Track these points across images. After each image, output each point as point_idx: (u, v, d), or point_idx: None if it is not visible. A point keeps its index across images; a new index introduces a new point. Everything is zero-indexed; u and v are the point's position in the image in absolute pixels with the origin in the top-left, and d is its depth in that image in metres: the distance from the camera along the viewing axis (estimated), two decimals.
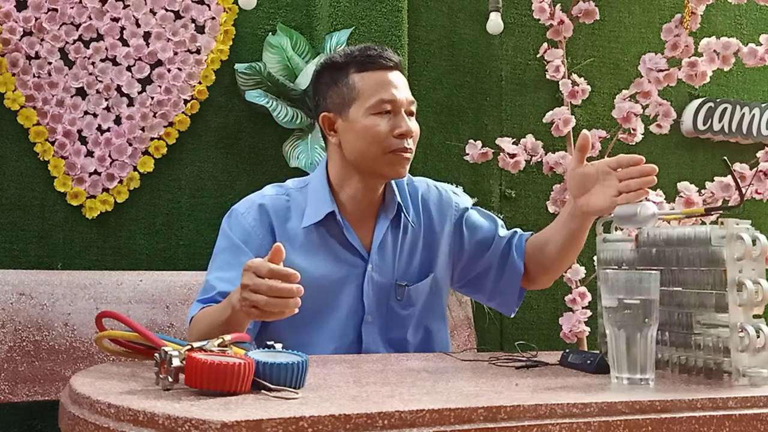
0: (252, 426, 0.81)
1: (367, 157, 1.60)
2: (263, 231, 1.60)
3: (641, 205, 1.33)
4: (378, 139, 1.58)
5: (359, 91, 1.61)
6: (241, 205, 1.65)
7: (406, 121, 1.59)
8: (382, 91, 1.59)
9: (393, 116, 1.59)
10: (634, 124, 2.69)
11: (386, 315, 1.64)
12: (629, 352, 1.13)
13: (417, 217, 1.71)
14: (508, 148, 2.68)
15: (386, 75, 1.61)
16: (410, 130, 1.59)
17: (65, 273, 2.22)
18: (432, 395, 1.02)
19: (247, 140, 2.80)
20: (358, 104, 1.60)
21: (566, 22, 2.74)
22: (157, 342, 1.11)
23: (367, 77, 1.61)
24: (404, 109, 1.60)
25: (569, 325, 2.67)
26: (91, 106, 2.61)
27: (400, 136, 1.58)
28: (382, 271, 1.65)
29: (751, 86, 3.61)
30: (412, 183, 1.75)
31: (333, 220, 1.62)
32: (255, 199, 1.65)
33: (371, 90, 1.60)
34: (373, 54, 1.62)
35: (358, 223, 1.65)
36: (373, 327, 1.63)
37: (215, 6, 2.74)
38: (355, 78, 1.62)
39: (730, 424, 1.02)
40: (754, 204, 3.12)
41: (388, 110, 1.59)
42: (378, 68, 1.62)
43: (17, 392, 2.03)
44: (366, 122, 1.59)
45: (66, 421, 0.98)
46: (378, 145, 1.58)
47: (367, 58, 1.62)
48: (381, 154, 1.59)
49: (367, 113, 1.59)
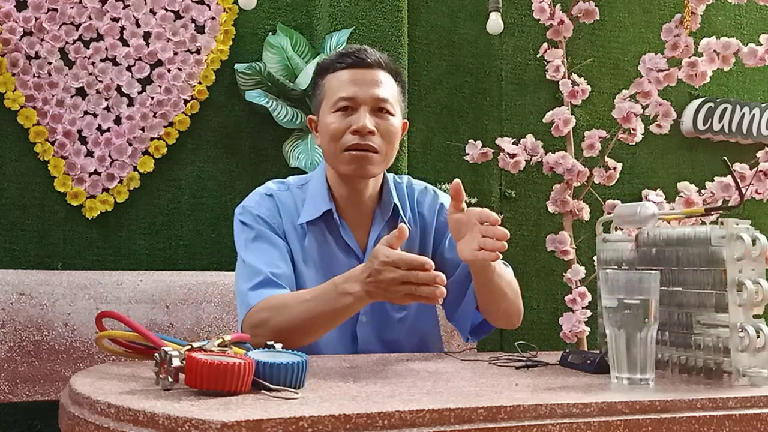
0: (252, 426, 0.81)
1: (329, 155, 1.60)
2: (278, 219, 1.61)
3: (641, 205, 1.33)
4: (335, 137, 1.57)
5: (326, 90, 1.61)
6: (250, 200, 1.65)
7: (362, 118, 1.55)
8: (343, 89, 1.58)
9: (352, 113, 1.57)
10: (634, 124, 2.69)
11: (380, 317, 1.64)
12: (629, 352, 1.13)
13: (413, 219, 1.70)
14: (508, 148, 2.68)
15: (354, 72, 1.59)
16: (365, 126, 1.54)
17: (65, 273, 2.22)
18: (432, 395, 1.02)
19: (247, 140, 2.80)
20: (324, 103, 1.61)
21: (566, 22, 2.74)
22: (157, 342, 1.11)
23: (334, 77, 1.61)
24: (368, 106, 1.57)
25: (569, 325, 2.67)
26: (91, 106, 2.61)
27: (354, 133, 1.55)
28: None
29: (751, 86, 3.61)
30: (411, 185, 1.74)
31: (330, 218, 1.62)
32: (261, 191, 1.65)
33: (334, 88, 1.59)
34: (347, 53, 1.61)
35: (354, 223, 1.65)
36: (368, 327, 1.62)
37: (215, 6, 2.74)
38: (327, 78, 1.62)
39: (730, 424, 1.02)
40: (754, 204, 3.12)
41: (346, 107, 1.57)
42: (347, 67, 1.60)
43: (17, 392, 2.03)
44: (326, 120, 1.59)
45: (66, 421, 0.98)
46: (335, 143, 1.57)
47: (339, 58, 1.61)
48: (339, 152, 1.57)
49: (329, 111, 1.59)
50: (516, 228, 3.19)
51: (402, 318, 1.66)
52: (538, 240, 3.06)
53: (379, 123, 1.57)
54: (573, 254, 2.73)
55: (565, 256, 2.73)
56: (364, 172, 1.58)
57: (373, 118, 1.57)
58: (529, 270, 3.17)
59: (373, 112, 1.57)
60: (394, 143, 1.61)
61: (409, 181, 1.75)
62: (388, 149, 1.59)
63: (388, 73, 1.63)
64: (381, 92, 1.58)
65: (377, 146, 1.57)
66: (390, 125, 1.59)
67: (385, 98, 1.59)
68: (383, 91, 1.59)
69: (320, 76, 1.64)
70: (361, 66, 1.59)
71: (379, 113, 1.58)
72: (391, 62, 1.64)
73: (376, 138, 1.57)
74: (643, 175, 3.37)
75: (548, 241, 2.74)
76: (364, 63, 1.59)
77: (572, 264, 2.72)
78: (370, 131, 1.55)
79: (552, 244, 2.73)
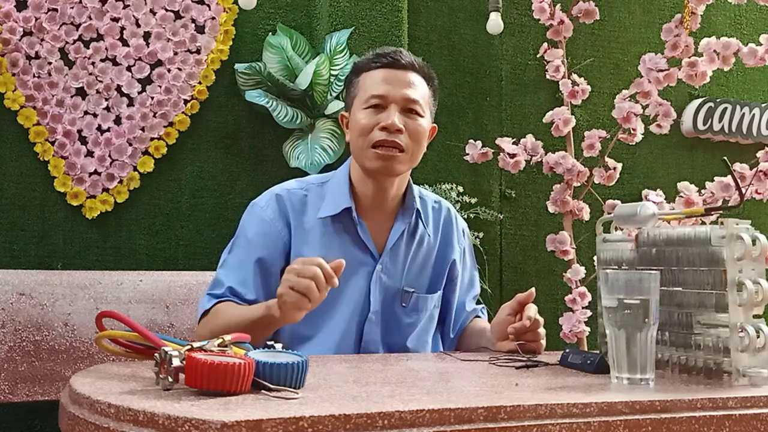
0: (252, 426, 0.81)
1: (356, 150, 1.64)
2: (281, 224, 1.63)
3: (641, 205, 1.33)
4: (363, 132, 1.60)
5: (360, 88, 1.65)
6: (261, 199, 1.67)
7: (391, 115, 1.58)
8: (375, 87, 1.61)
9: (382, 111, 1.60)
10: (634, 124, 2.69)
11: (389, 319, 1.65)
12: (629, 352, 1.13)
13: (435, 232, 1.74)
14: (508, 148, 2.68)
15: (387, 72, 1.62)
16: (393, 123, 1.58)
17: (65, 273, 2.22)
18: (432, 395, 1.02)
19: (247, 140, 2.80)
20: (356, 100, 1.65)
21: (566, 22, 2.74)
22: (157, 342, 1.11)
23: (368, 75, 1.64)
24: (398, 105, 1.60)
25: (569, 325, 2.67)
26: (91, 106, 2.61)
27: (382, 129, 1.58)
28: (391, 273, 1.66)
29: (751, 86, 3.61)
30: (439, 202, 1.79)
31: (348, 216, 1.64)
32: (274, 190, 1.68)
33: (367, 86, 1.63)
34: (383, 53, 1.65)
35: (373, 223, 1.67)
36: (375, 327, 1.63)
37: (215, 6, 2.74)
38: (361, 77, 1.66)
39: (730, 424, 1.02)
40: (754, 204, 3.12)
41: (378, 104, 1.60)
42: (381, 66, 1.63)
43: (17, 392, 2.03)
44: (357, 116, 1.63)
45: (66, 421, 0.98)
46: (363, 138, 1.60)
47: (375, 58, 1.65)
48: (366, 147, 1.60)
49: (360, 108, 1.62)
50: (516, 228, 3.19)
51: (411, 323, 1.67)
52: (538, 240, 3.06)
53: (407, 122, 1.60)
54: (573, 254, 2.73)
55: (565, 256, 2.73)
56: (389, 169, 1.61)
57: (402, 117, 1.60)
58: (529, 270, 3.17)
59: (403, 111, 1.61)
60: (421, 143, 1.64)
61: (437, 198, 1.80)
62: (415, 149, 1.63)
63: (421, 76, 1.66)
64: (412, 93, 1.62)
65: (404, 145, 1.60)
66: (418, 125, 1.62)
67: (416, 99, 1.62)
68: (414, 92, 1.62)
69: (355, 75, 1.68)
70: (395, 66, 1.63)
71: (408, 113, 1.61)
72: (425, 66, 1.68)
73: (404, 136, 1.60)
74: (643, 175, 3.37)
75: (548, 241, 2.74)
76: (398, 64, 1.63)
77: (572, 264, 2.73)
78: (398, 129, 1.58)
79: (552, 244, 2.74)
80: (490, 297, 2.89)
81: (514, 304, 1.60)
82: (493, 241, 3.12)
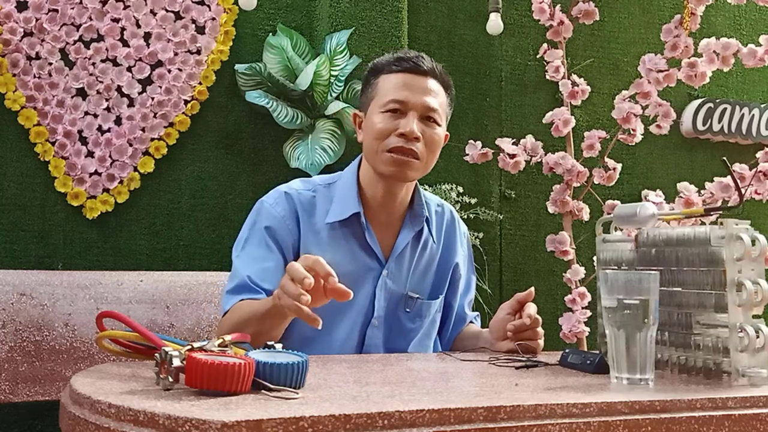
0: (252, 426, 0.81)
1: (370, 152, 1.62)
2: (292, 222, 1.61)
3: (641, 206, 1.33)
4: (380, 136, 1.59)
5: (378, 90, 1.63)
6: (270, 197, 1.65)
7: (410, 122, 1.57)
8: (396, 92, 1.60)
9: (401, 116, 1.59)
10: (633, 125, 2.70)
11: (392, 324, 1.65)
12: (629, 352, 1.13)
13: (438, 237, 1.73)
14: (508, 149, 2.68)
15: (408, 77, 1.61)
16: (412, 131, 1.56)
17: (65, 273, 2.22)
18: (432, 395, 1.02)
19: (247, 141, 2.80)
20: (374, 102, 1.63)
21: (566, 23, 2.74)
22: (157, 342, 1.11)
23: (388, 78, 1.62)
24: (417, 112, 1.59)
25: (569, 325, 2.67)
26: (91, 107, 2.61)
27: (400, 136, 1.57)
28: (396, 279, 1.65)
29: (750, 87, 3.61)
30: (442, 206, 1.78)
31: (357, 220, 1.63)
32: (282, 189, 1.66)
33: (387, 90, 1.61)
34: (405, 57, 1.63)
35: (381, 227, 1.66)
36: (378, 332, 1.63)
37: (215, 7, 2.74)
38: (380, 79, 1.64)
39: (730, 424, 1.02)
40: (754, 204, 3.12)
41: (396, 109, 1.59)
42: (402, 71, 1.62)
43: (18, 392, 2.03)
44: (374, 119, 1.61)
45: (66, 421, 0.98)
46: (379, 142, 1.59)
47: (395, 61, 1.63)
48: (382, 151, 1.59)
49: (377, 111, 1.61)
50: (516, 228, 3.19)
51: (414, 329, 1.67)
52: (538, 240, 3.06)
53: (425, 130, 1.59)
54: (573, 254, 2.73)
55: (565, 256, 2.73)
56: (403, 175, 1.60)
57: (420, 125, 1.59)
58: (529, 270, 3.17)
59: (421, 119, 1.60)
60: (435, 152, 1.63)
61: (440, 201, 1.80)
62: (429, 157, 1.62)
63: (441, 83, 1.65)
64: (431, 101, 1.61)
65: (420, 153, 1.59)
66: (435, 134, 1.61)
67: (435, 107, 1.61)
68: (434, 100, 1.61)
69: (373, 75, 1.66)
70: (416, 72, 1.61)
71: (426, 121, 1.60)
72: (444, 73, 1.67)
73: (420, 144, 1.59)
74: (643, 175, 3.38)
75: (548, 241, 2.74)
76: (419, 69, 1.62)
77: (572, 264, 2.73)
78: (416, 137, 1.57)
79: (552, 245, 2.74)
80: (490, 297, 2.89)
81: (513, 303, 1.60)
82: (493, 242, 3.12)
